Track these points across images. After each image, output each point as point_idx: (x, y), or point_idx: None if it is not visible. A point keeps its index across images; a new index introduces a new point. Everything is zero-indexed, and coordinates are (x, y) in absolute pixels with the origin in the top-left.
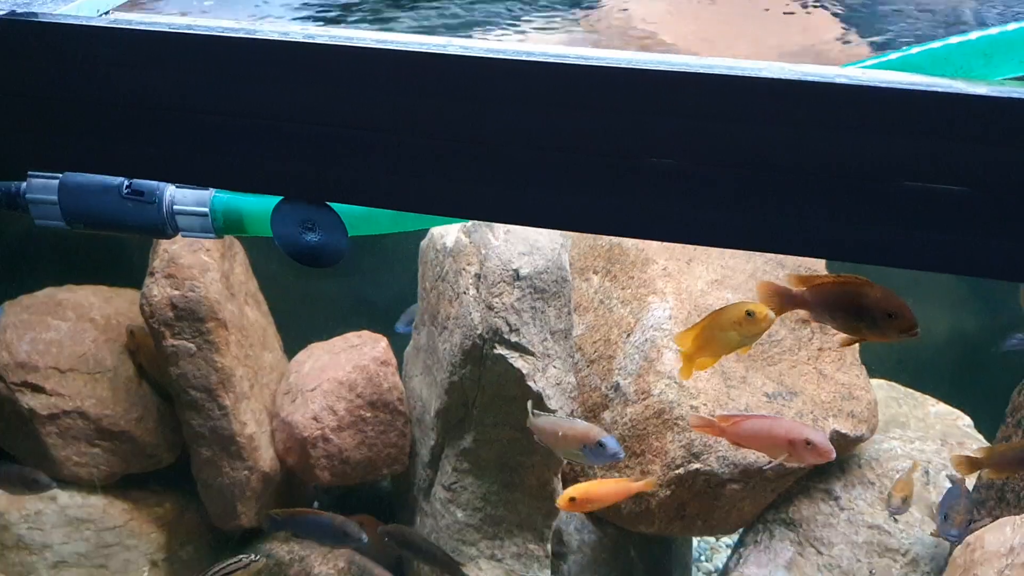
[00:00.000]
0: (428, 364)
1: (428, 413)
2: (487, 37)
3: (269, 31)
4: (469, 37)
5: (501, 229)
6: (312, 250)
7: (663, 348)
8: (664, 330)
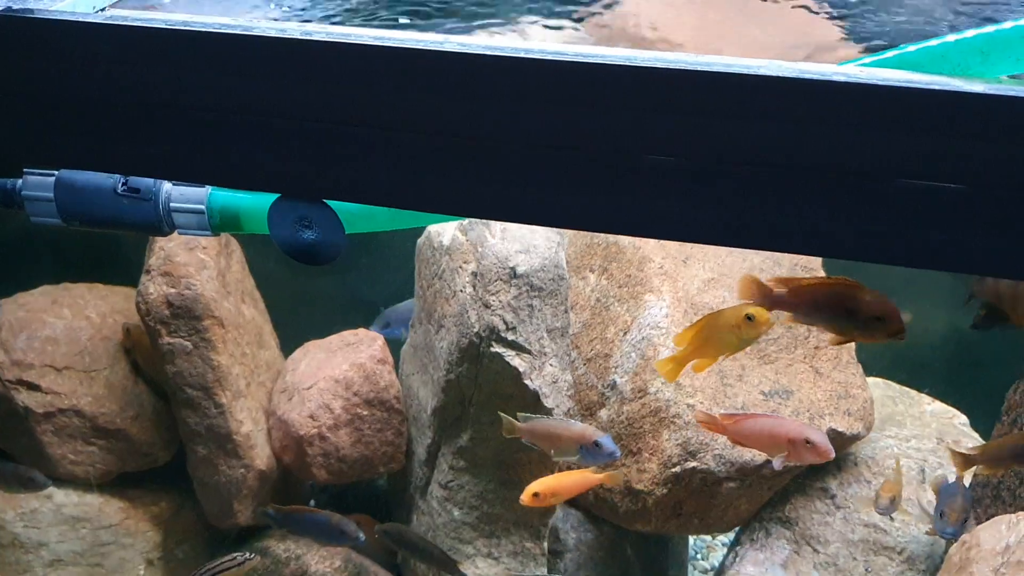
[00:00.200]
0: (424, 362)
1: (425, 411)
2: (486, 34)
3: (266, 27)
4: (467, 34)
5: (498, 227)
6: (309, 248)
7: (660, 346)
8: (661, 328)
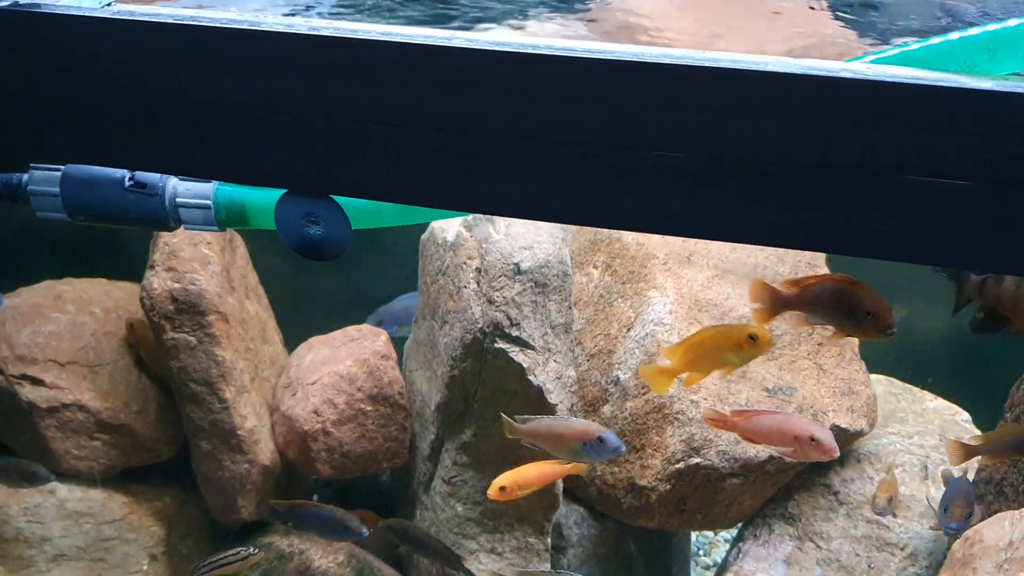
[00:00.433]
0: (428, 358)
1: (428, 407)
2: (491, 30)
3: (273, 23)
4: (470, 30)
5: (502, 223)
6: (316, 243)
7: (663, 342)
8: (664, 324)
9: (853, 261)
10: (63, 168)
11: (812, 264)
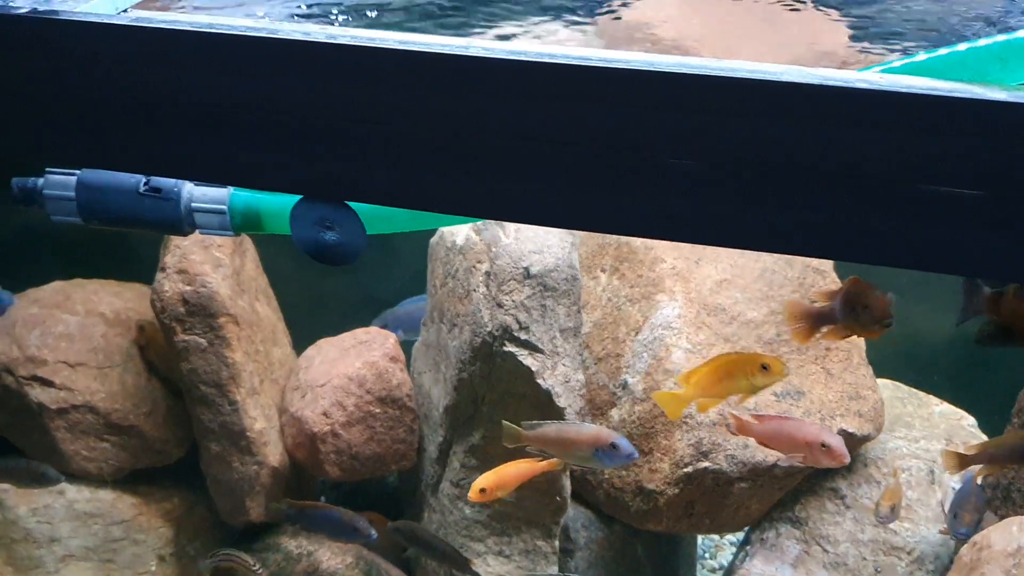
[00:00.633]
0: (437, 361)
1: (436, 409)
2: (503, 36)
3: (290, 30)
4: (482, 36)
5: (512, 227)
6: (331, 249)
7: (672, 347)
8: (673, 329)
9: (860, 266)
10: (78, 173)
11: (819, 269)
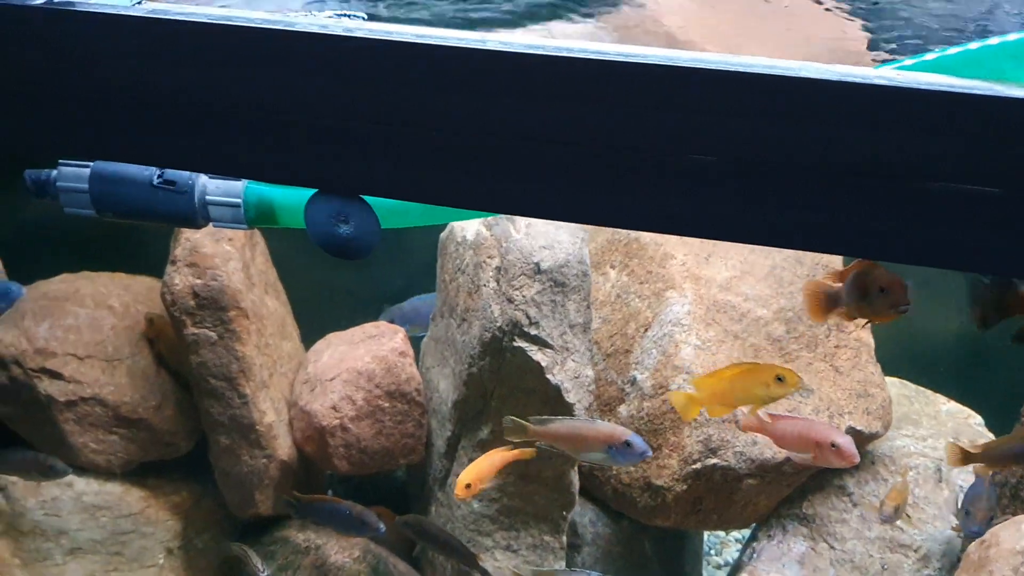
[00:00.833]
0: (446, 355)
1: (445, 404)
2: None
3: (307, 23)
4: (495, 31)
5: (522, 223)
6: (345, 242)
7: (681, 343)
8: (683, 325)
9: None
10: (92, 165)
11: (829, 265)
